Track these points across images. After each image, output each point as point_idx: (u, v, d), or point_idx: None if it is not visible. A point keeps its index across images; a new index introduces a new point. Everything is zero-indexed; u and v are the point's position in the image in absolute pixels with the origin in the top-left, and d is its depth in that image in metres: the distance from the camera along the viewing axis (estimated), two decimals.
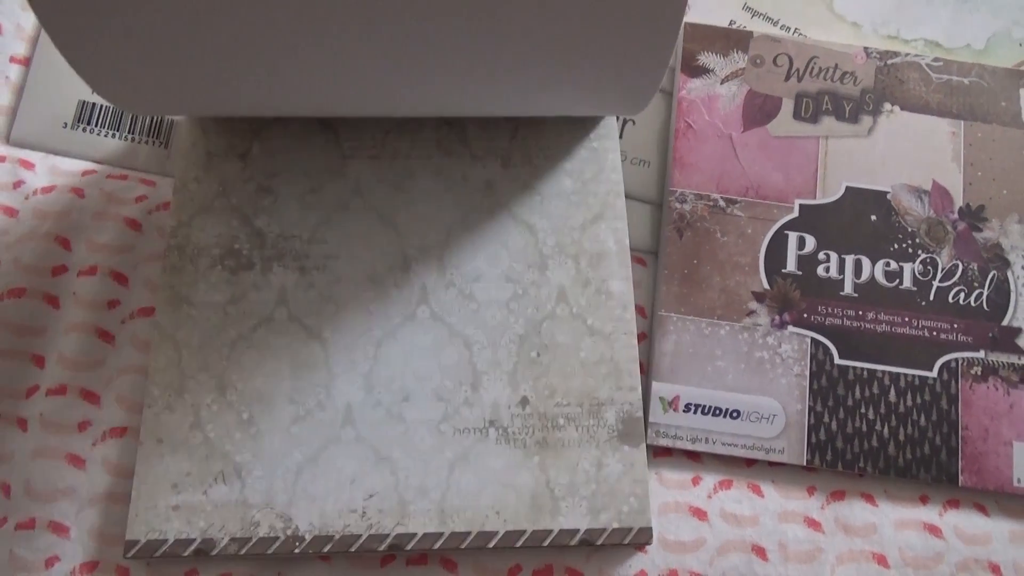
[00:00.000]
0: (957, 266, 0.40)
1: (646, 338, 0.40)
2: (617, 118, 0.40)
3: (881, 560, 0.36)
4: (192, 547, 0.33)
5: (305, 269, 0.37)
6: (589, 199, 0.38)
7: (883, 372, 0.38)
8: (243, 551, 0.33)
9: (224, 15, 0.28)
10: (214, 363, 0.35)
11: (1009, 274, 0.40)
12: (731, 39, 0.43)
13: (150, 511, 0.33)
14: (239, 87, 0.32)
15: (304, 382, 0.35)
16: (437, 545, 0.33)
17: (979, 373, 0.39)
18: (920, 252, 0.40)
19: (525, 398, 0.35)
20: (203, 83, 0.31)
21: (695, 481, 0.38)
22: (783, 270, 0.40)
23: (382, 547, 0.33)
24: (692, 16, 0.45)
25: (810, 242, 0.40)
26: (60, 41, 0.29)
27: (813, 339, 0.39)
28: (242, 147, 0.38)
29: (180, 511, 0.33)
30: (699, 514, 0.37)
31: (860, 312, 0.39)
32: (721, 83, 0.42)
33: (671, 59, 0.43)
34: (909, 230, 0.40)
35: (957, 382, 0.38)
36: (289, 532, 0.33)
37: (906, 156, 0.41)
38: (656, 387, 0.38)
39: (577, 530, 0.34)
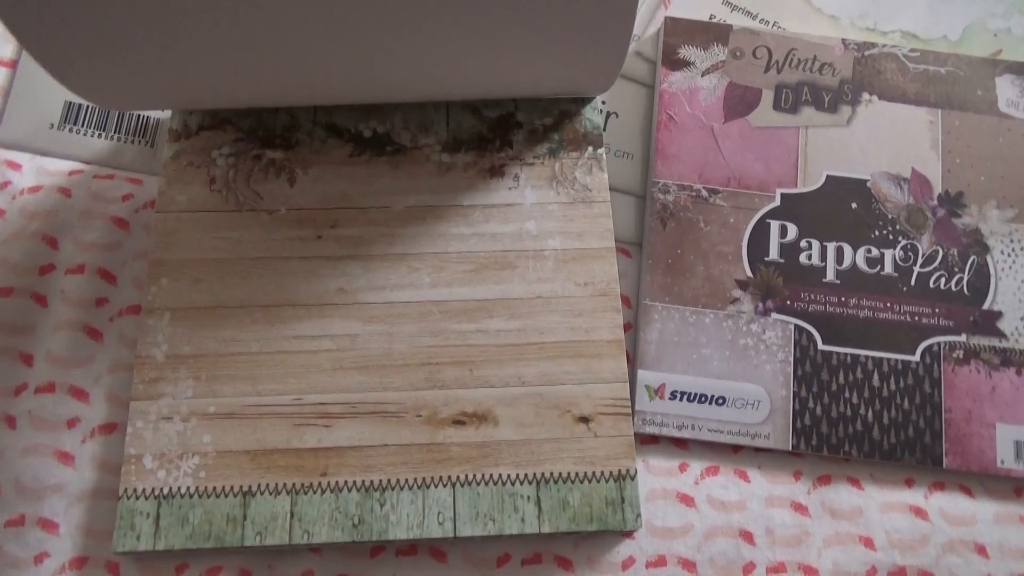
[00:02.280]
0: (937, 252, 0.40)
1: (632, 327, 0.40)
2: (601, 111, 0.40)
3: (868, 543, 0.37)
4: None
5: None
6: None
7: (866, 357, 0.39)
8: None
9: (198, 9, 0.28)
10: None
11: (988, 259, 0.40)
12: (711, 33, 0.44)
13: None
14: (215, 79, 0.32)
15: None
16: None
17: (961, 356, 0.39)
18: (901, 238, 0.41)
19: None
20: (178, 76, 0.31)
21: (682, 468, 0.38)
22: (766, 258, 0.40)
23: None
24: (673, 10, 0.45)
25: (792, 230, 0.41)
26: (29, 44, 0.29)
27: (797, 325, 0.39)
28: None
29: None
30: (686, 500, 0.37)
31: (842, 298, 0.40)
32: (702, 76, 0.43)
33: (655, 51, 0.43)
34: (889, 217, 0.41)
35: (939, 366, 0.39)
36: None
37: (885, 144, 0.42)
38: (642, 375, 0.38)
39: None
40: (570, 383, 0.35)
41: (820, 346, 0.39)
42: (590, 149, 0.39)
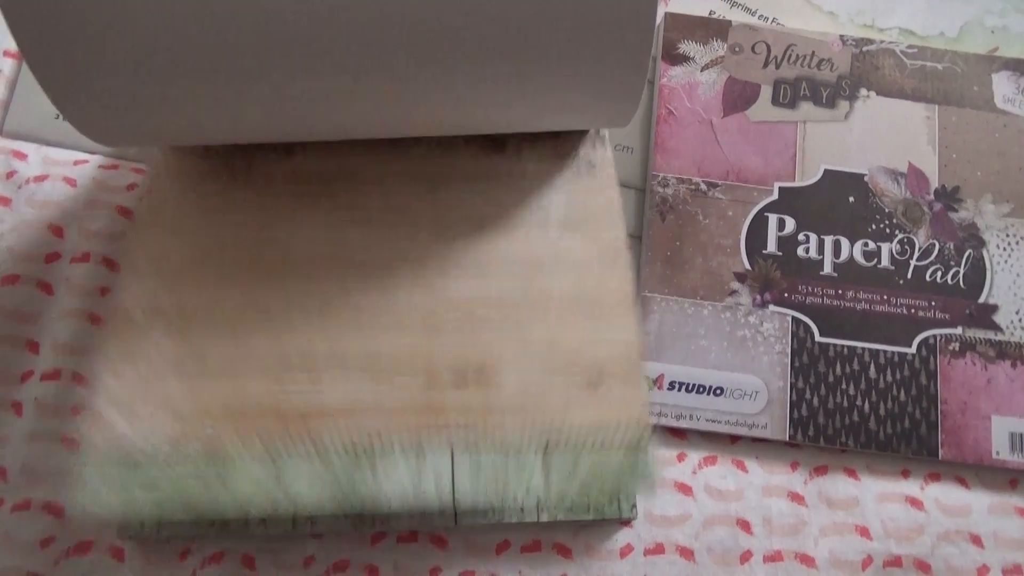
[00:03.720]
0: (934, 245, 0.41)
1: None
2: None
3: (864, 532, 0.37)
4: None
5: None
6: None
7: (863, 349, 0.39)
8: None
9: (201, 48, 0.28)
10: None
11: (984, 253, 0.41)
12: (710, 28, 0.44)
13: None
14: (210, 118, 0.31)
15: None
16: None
17: (957, 349, 0.39)
18: (897, 232, 0.41)
19: None
20: (174, 116, 0.31)
21: (680, 457, 0.38)
22: (764, 251, 0.41)
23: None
24: (673, 6, 0.46)
25: (790, 223, 0.41)
26: (46, 83, 0.28)
27: (794, 317, 0.40)
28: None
29: None
30: (684, 489, 0.37)
31: (840, 291, 0.40)
32: (701, 71, 0.43)
33: (651, 55, 0.44)
34: (886, 211, 0.41)
35: (936, 358, 0.39)
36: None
37: (882, 139, 0.42)
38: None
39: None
40: (578, 343, 0.33)
41: (817, 338, 0.39)
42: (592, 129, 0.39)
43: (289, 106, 0.31)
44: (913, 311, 0.40)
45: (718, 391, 0.39)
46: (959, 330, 0.40)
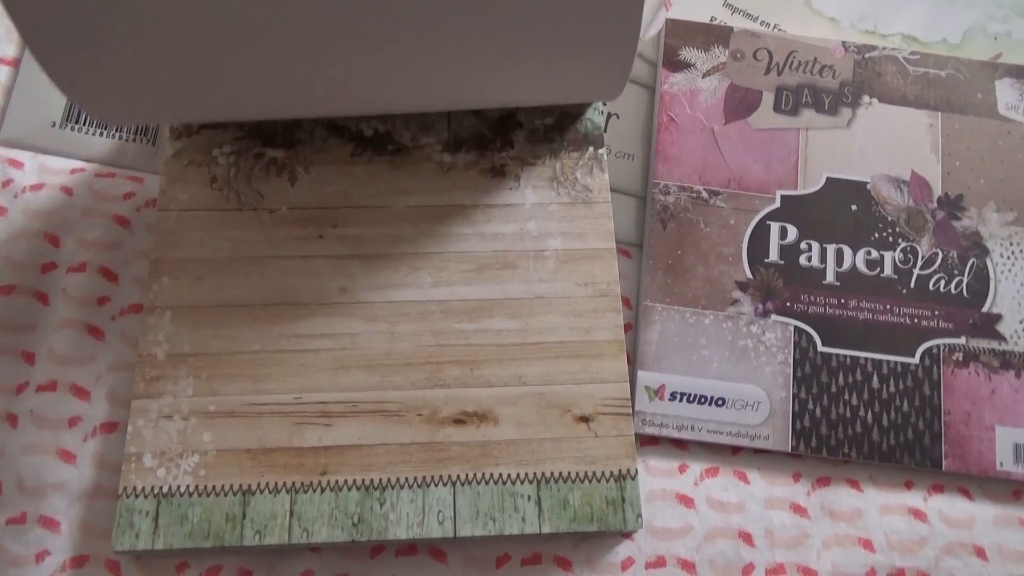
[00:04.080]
0: (937, 254, 0.41)
1: (632, 328, 0.40)
2: (602, 112, 0.40)
3: (867, 545, 0.37)
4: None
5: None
6: None
7: (866, 359, 0.39)
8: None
9: (203, 25, 0.28)
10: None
11: (988, 261, 0.41)
12: (712, 35, 0.44)
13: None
14: (217, 93, 0.32)
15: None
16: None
17: (960, 359, 0.39)
18: (900, 241, 0.41)
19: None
20: (182, 92, 0.31)
21: (681, 469, 0.38)
22: (766, 260, 0.40)
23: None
24: (674, 12, 0.45)
25: (792, 232, 0.41)
26: (41, 56, 0.29)
27: (796, 327, 0.39)
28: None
29: None
30: (686, 501, 0.37)
31: (842, 300, 0.40)
32: (702, 77, 0.43)
33: (655, 53, 0.44)
34: (889, 219, 0.41)
35: (939, 368, 0.39)
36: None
37: (885, 147, 0.42)
38: (642, 376, 0.38)
39: None
40: (570, 383, 0.35)
41: (820, 348, 0.39)
42: (591, 149, 0.39)
43: (288, 81, 0.31)
44: (916, 321, 0.39)
45: (720, 402, 0.38)
46: (962, 340, 0.39)
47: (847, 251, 0.40)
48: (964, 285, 0.40)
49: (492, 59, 0.31)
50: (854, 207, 0.41)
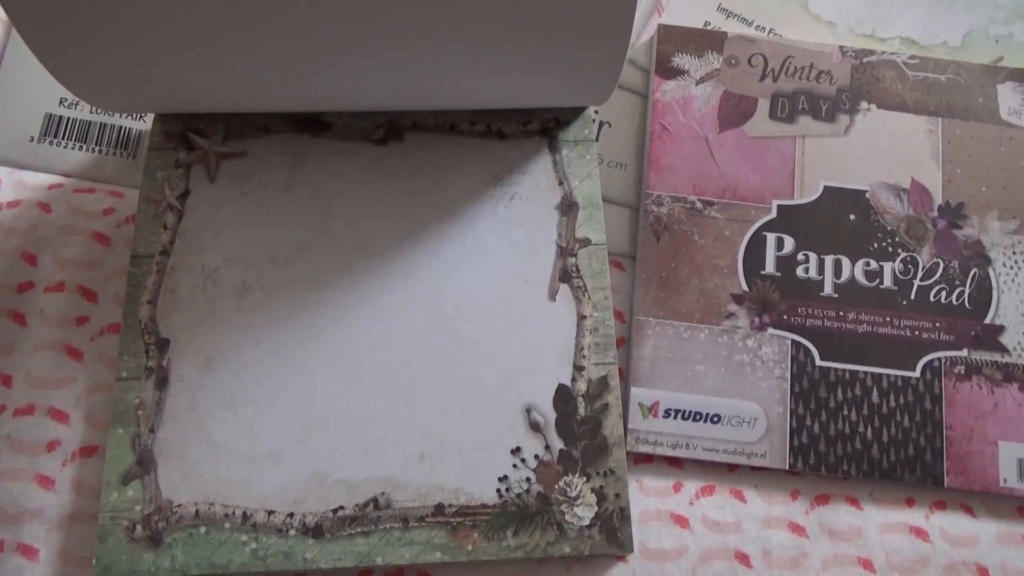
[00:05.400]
0: (938, 264, 0.40)
1: (625, 343, 0.39)
2: (593, 120, 0.39)
3: (867, 565, 0.36)
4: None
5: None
6: None
7: (865, 373, 0.38)
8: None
9: (197, 13, 0.28)
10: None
11: (990, 271, 0.40)
12: (705, 40, 0.43)
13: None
14: (208, 83, 0.31)
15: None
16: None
17: (962, 372, 0.38)
18: (900, 251, 0.40)
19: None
20: (174, 79, 0.31)
21: (676, 488, 0.37)
22: (762, 271, 0.39)
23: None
24: (666, 17, 0.44)
25: (789, 243, 0.40)
26: (31, 39, 0.28)
27: (794, 341, 0.38)
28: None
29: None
30: (681, 521, 0.36)
31: (841, 313, 0.39)
32: (696, 84, 0.42)
33: (648, 59, 0.42)
34: (888, 229, 0.40)
35: (940, 382, 0.38)
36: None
37: (884, 154, 0.41)
38: (635, 393, 0.37)
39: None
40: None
41: (818, 362, 0.38)
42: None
43: (276, 76, 0.31)
44: (917, 333, 0.38)
45: (716, 418, 0.37)
46: (964, 352, 0.38)
47: (845, 262, 0.39)
48: (966, 296, 0.39)
49: (479, 60, 0.31)
50: (852, 216, 0.40)
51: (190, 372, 0.35)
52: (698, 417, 0.37)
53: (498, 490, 0.34)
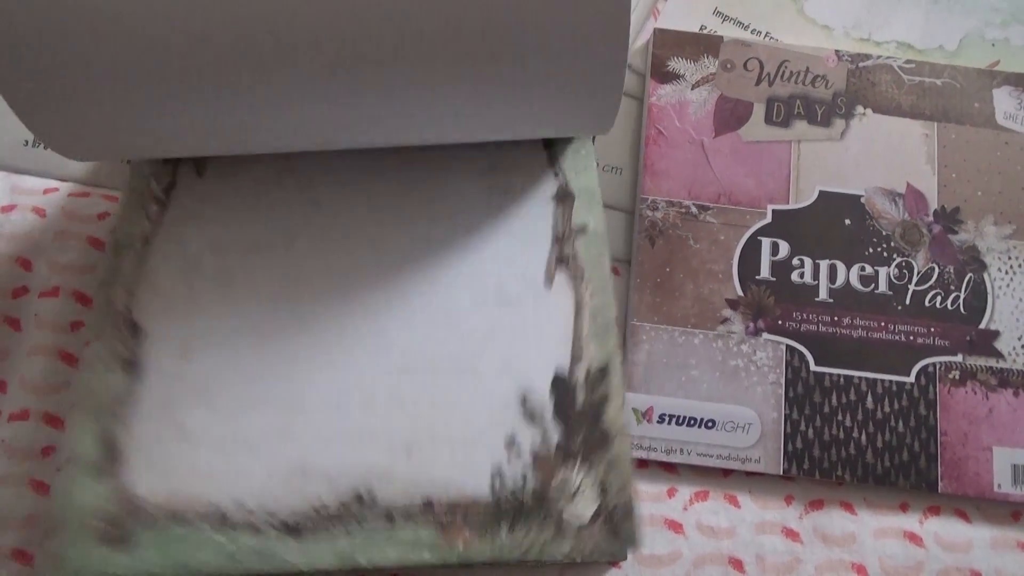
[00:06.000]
0: (933, 269, 0.40)
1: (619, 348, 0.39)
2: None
3: (861, 570, 0.36)
4: None
5: None
6: None
7: (860, 378, 0.38)
8: None
9: (171, 64, 0.27)
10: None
11: (986, 276, 0.39)
12: (701, 44, 0.43)
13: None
14: (187, 131, 0.31)
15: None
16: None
17: (957, 377, 0.38)
18: (895, 256, 0.40)
19: None
20: (144, 129, 0.31)
21: (670, 493, 0.37)
22: (757, 276, 0.39)
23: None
24: (662, 22, 0.44)
25: (784, 248, 0.40)
26: (6, 93, 0.28)
27: (788, 346, 0.38)
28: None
29: None
30: (675, 527, 0.36)
31: (835, 318, 0.39)
32: (691, 89, 0.42)
33: (626, 59, 0.42)
34: (884, 234, 0.40)
35: (935, 387, 0.38)
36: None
37: (879, 159, 0.41)
38: (630, 398, 0.37)
39: None
40: None
41: (812, 367, 0.38)
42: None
43: (257, 120, 0.30)
44: (912, 338, 0.38)
45: (710, 423, 0.37)
46: (959, 357, 0.38)
47: (840, 267, 0.39)
48: (961, 301, 0.39)
49: (475, 96, 0.30)
50: (848, 221, 0.40)
51: (166, 363, 0.33)
52: (692, 422, 0.37)
53: (492, 484, 0.33)
